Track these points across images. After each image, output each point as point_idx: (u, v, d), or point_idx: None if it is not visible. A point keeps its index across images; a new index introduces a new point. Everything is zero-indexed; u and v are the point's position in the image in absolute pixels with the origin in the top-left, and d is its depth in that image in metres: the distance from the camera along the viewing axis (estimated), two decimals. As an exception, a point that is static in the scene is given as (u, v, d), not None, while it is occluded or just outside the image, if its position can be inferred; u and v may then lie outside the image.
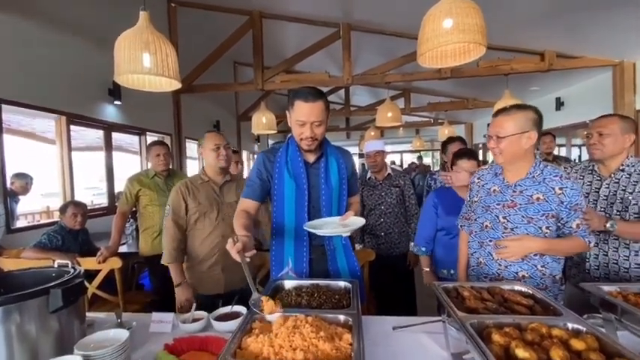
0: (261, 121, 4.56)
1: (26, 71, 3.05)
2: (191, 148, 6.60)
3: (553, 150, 3.98)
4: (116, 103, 4.15)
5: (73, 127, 3.62)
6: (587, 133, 1.63)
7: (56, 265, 1.19)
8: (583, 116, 5.39)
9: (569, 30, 3.57)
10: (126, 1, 2.77)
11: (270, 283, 1.30)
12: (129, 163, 4.83)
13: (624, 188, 1.54)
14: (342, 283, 1.27)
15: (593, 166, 1.70)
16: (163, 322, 1.29)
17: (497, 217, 1.40)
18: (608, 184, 1.60)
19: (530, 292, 1.10)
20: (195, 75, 4.53)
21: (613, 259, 1.58)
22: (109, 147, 4.21)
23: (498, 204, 1.40)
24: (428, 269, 2.19)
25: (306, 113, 1.32)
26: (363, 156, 14.79)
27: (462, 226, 1.67)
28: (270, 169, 1.46)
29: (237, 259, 1.09)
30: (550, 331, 0.84)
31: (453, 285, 1.16)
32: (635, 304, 1.00)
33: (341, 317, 1.00)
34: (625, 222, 1.50)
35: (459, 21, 1.46)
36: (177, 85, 1.84)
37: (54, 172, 3.56)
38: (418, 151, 13.30)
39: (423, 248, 2.15)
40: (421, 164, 11.94)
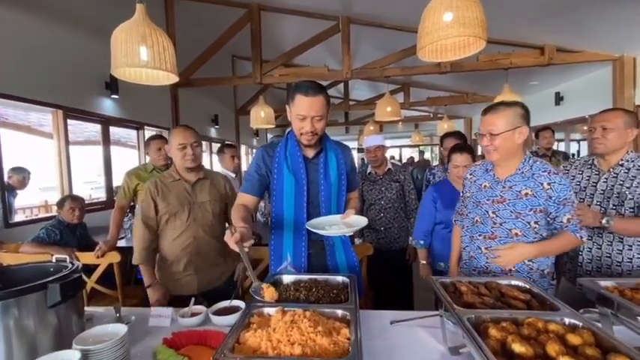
0: (260, 116, 4.53)
1: (22, 64, 3.02)
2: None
3: (552, 145, 3.95)
4: (113, 96, 4.11)
5: (70, 121, 3.59)
6: (590, 127, 1.61)
7: (54, 259, 1.19)
8: (582, 111, 5.38)
9: (570, 24, 3.54)
10: (122, -8, 2.73)
11: (268, 278, 1.30)
12: (127, 158, 4.81)
13: (622, 183, 1.54)
14: (340, 278, 1.27)
15: (593, 160, 1.69)
16: (162, 317, 1.30)
17: (487, 212, 1.43)
18: (607, 179, 1.60)
19: (528, 287, 1.11)
20: (193, 68, 4.49)
21: (606, 252, 1.58)
22: (107, 141, 4.19)
23: (488, 199, 1.44)
24: (425, 262, 2.21)
25: (306, 107, 1.31)
26: (362, 150, 14.80)
27: (455, 220, 1.69)
28: (270, 164, 1.46)
29: (235, 249, 1.10)
30: (546, 325, 0.85)
31: (450, 280, 1.17)
32: (631, 299, 1.00)
33: (339, 312, 1.00)
34: (621, 218, 1.50)
35: (459, 14, 1.44)
36: (174, 78, 1.82)
37: (52, 166, 3.54)
38: (417, 146, 13.29)
39: (422, 241, 2.18)
40: (422, 159, 11.95)
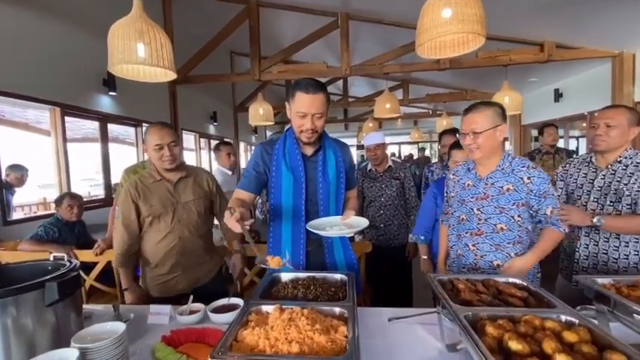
0: (259, 113, 4.52)
1: (19, 61, 3.00)
2: (188, 139, 6.56)
3: (557, 142, 3.80)
4: (111, 93, 4.09)
5: (68, 119, 3.58)
6: (592, 124, 1.59)
7: (52, 258, 1.19)
8: (581, 108, 5.38)
9: (569, 20, 3.53)
10: (119, -12, 2.70)
11: (266, 276, 1.30)
12: (125, 155, 4.80)
13: (619, 179, 1.53)
14: (338, 276, 1.27)
15: (591, 157, 1.68)
16: (161, 314, 1.30)
17: (472, 210, 1.49)
18: (604, 176, 1.59)
19: (525, 285, 1.11)
20: (191, 65, 4.46)
21: (603, 249, 1.58)
22: (105, 138, 4.17)
23: (472, 197, 1.49)
24: (426, 257, 2.24)
25: (307, 105, 1.31)
26: (361, 147, 14.77)
27: (442, 221, 1.75)
28: (268, 161, 1.46)
29: (235, 228, 1.12)
30: (543, 323, 0.85)
31: (448, 277, 1.17)
32: (627, 296, 1.01)
33: (337, 310, 1.00)
34: (613, 217, 1.51)
35: (458, 11, 1.44)
36: (172, 75, 1.81)
37: (50, 163, 3.53)
38: (417, 143, 13.28)
39: (422, 237, 2.21)
40: (422, 155, 11.95)
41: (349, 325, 0.90)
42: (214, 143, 7.41)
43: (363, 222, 1.36)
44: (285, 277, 1.29)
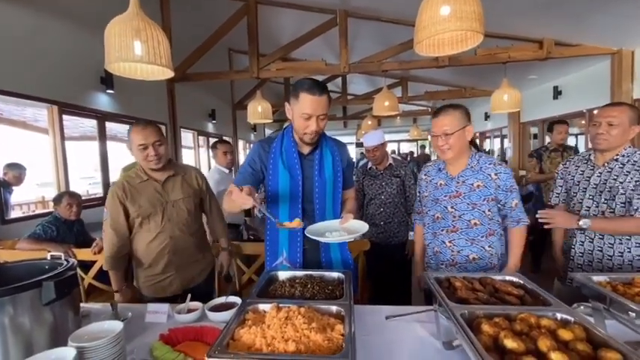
0: (257, 110, 4.51)
1: (16, 59, 2.98)
2: (186, 137, 6.55)
3: (566, 140, 3.61)
4: (109, 92, 4.08)
5: (65, 117, 3.56)
6: (594, 121, 1.58)
7: (49, 257, 1.19)
8: (580, 105, 5.37)
9: (568, 18, 3.52)
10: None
11: (264, 274, 1.30)
12: (124, 153, 4.78)
13: (615, 177, 1.53)
14: (335, 274, 1.27)
15: (590, 155, 1.68)
16: (158, 313, 1.30)
17: (446, 208, 1.54)
18: (600, 173, 1.59)
19: (521, 283, 1.12)
20: (189, 63, 4.45)
21: (598, 246, 1.58)
22: (103, 136, 4.16)
23: (445, 195, 1.55)
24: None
25: (312, 106, 1.31)
26: (360, 145, 14.76)
27: (415, 220, 1.81)
28: (265, 159, 1.46)
29: (246, 203, 1.16)
30: (539, 321, 0.86)
31: (445, 275, 1.17)
32: (623, 294, 1.01)
33: (333, 308, 1.01)
34: (601, 219, 1.51)
35: (456, 8, 1.43)
36: (169, 73, 1.80)
37: (48, 161, 3.52)
38: (415, 140, 13.28)
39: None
40: (423, 153, 11.95)
41: (346, 323, 0.90)
42: (213, 141, 7.41)
43: (363, 227, 1.36)
44: (283, 275, 1.29)
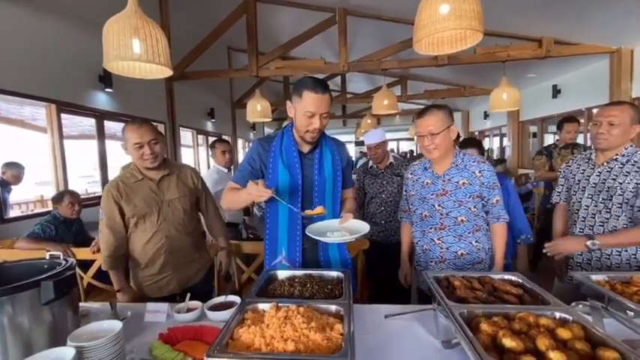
0: (256, 109, 4.50)
1: (14, 57, 2.97)
2: (185, 136, 6.54)
3: (576, 138, 3.45)
4: (107, 90, 4.06)
5: (64, 115, 3.55)
6: (595, 121, 1.57)
7: (48, 256, 1.19)
8: (579, 104, 5.38)
9: (568, 16, 3.52)
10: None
11: (263, 273, 1.30)
12: (123, 152, 4.77)
13: (615, 177, 1.52)
14: (334, 273, 1.28)
15: (591, 154, 1.68)
16: (158, 312, 1.30)
17: (434, 206, 1.57)
18: (600, 172, 1.58)
19: (520, 282, 1.12)
20: (188, 61, 4.43)
21: None
22: (102, 135, 4.15)
23: (432, 194, 1.57)
24: None
25: (316, 105, 1.32)
26: (359, 144, 14.75)
27: (401, 218, 1.83)
28: (265, 157, 1.46)
29: (264, 195, 1.19)
30: (537, 320, 0.86)
31: (444, 274, 1.17)
32: (621, 292, 1.02)
33: (332, 307, 1.01)
34: (607, 235, 1.51)
35: (455, 7, 1.43)
36: (168, 72, 1.79)
37: (46, 160, 3.51)
38: (414, 139, 13.24)
39: None
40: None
41: (345, 322, 0.90)
42: (212, 140, 7.40)
43: (364, 227, 1.37)
44: (282, 274, 1.29)
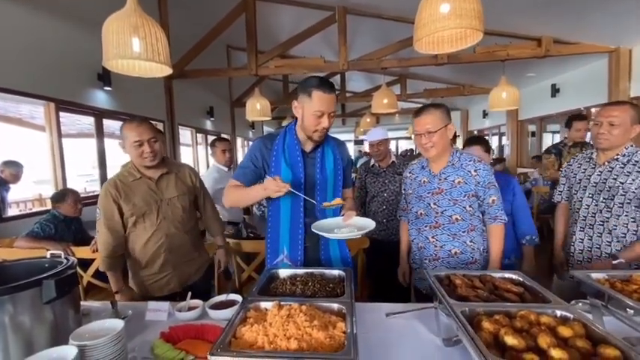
0: (256, 108, 4.49)
1: (12, 56, 2.95)
2: (185, 135, 6.52)
3: (586, 137, 3.33)
4: (106, 88, 4.05)
5: (62, 114, 3.54)
6: (596, 121, 1.59)
7: (49, 255, 1.18)
8: (578, 103, 5.40)
9: (567, 16, 3.53)
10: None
11: (265, 272, 1.30)
12: (122, 150, 4.76)
13: (616, 177, 1.54)
14: (336, 272, 1.28)
15: (592, 153, 1.69)
16: (159, 311, 1.30)
17: (429, 204, 1.58)
18: (601, 172, 1.60)
19: (521, 280, 1.13)
20: (187, 60, 4.42)
21: (596, 243, 1.61)
22: (101, 134, 4.14)
23: (428, 192, 1.58)
24: None
25: (326, 104, 1.34)
26: (358, 143, 14.75)
27: (400, 216, 1.84)
28: (267, 156, 1.45)
29: (282, 190, 1.20)
30: (538, 318, 0.86)
31: (445, 273, 1.18)
32: (621, 290, 1.02)
33: (335, 306, 1.01)
34: (626, 251, 1.51)
35: (456, 6, 1.43)
36: (168, 70, 1.79)
37: (45, 159, 3.50)
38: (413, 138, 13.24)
39: None
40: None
41: (347, 321, 0.90)
42: (211, 138, 7.39)
43: (370, 224, 1.37)
44: (284, 273, 1.29)
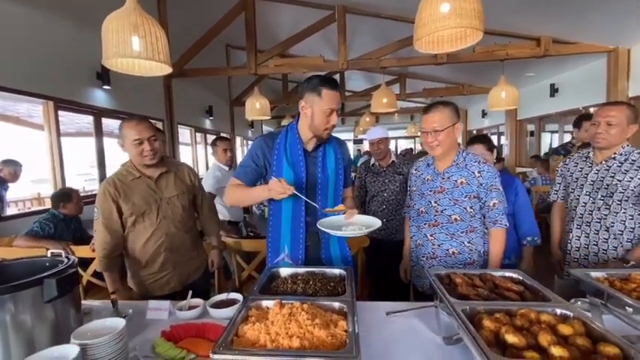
0: (255, 107, 4.48)
1: (10, 54, 2.94)
2: (184, 134, 6.51)
3: None
4: (105, 87, 4.04)
5: (61, 113, 3.53)
6: (593, 121, 1.62)
7: (49, 254, 1.18)
8: (577, 103, 5.41)
9: (566, 16, 3.53)
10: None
11: (266, 271, 1.31)
12: (119, 149, 4.75)
13: (613, 175, 1.56)
14: (336, 271, 1.28)
15: (589, 152, 1.71)
16: (160, 310, 1.30)
17: (430, 202, 1.58)
18: (598, 170, 1.62)
19: (521, 279, 1.13)
20: (186, 59, 4.41)
21: (593, 240, 1.63)
22: (100, 133, 4.13)
23: (431, 190, 1.59)
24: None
25: (335, 101, 1.37)
26: (357, 142, 14.74)
27: (405, 213, 1.85)
28: (269, 155, 1.45)
29: (287, 192, 1.21)
30: (539, 316, 0.87)
31: (445, 272, 1.18)
32: (620, 289, 1.03)
33: (336, 304, 1.01)
34: (633, 250, 1.52)
35: (456, 5, 1.43)
36: (167, 69, 1.78)
37: (43, 158, 3.49)
38: (413, 137, 13.30)
39: None
40: (422, 150, 11.95)
41: (349, 319, 0.91)
42: (210, 137, 7.39)
43: (376, 221, 1.37)
44: (284, 272, 1.29)
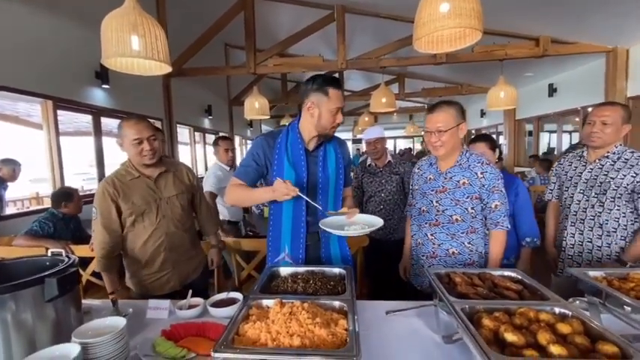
0: (254, 106, 4.48)
1: (9, 53, 2.93)
2: (183, 133, 6.51)
3: None
4: (104, 86, 4.03)
5: (60, 112, 3.52)
6: (589, 120, 1.65)
7: (49, 253, 1.19)
8: (575, 103, 5.43)
9: (565, 16, 3.55)
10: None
11: (266, 270, 1.31)
12: (118, 148, 4.74)
13: (606, 173, 1.60)
14: (336, 270, 1.29)
15: (583, 152, 1.74)
16: (160, 309, 1.30)
17: (432, 202, 1.58)
18: (592, 169, 1.66)
19: (519, 278, 1.14)
20: (185, 58, 4.41)
21: (587, 238, 1.65)
22: (99, 132, 4.12)
23: (432, 190, 1.58)
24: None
25: (341, 100, 1.39)
26: (356, 141, 14.75)
27: (406, 211, 1.84)
28: (270, 154, 1.45)
29: (291, 193, 1.22)
30: (538, 315, 0.88)
31: (445, 271, 1.19)
32: (618, 288, 1.04)
33: (336, 303, 1.02)
34: (628, 250, 1.54)
35: (455, 5, 1.43)
36: (167, 68, 1.78)
37: (42, 157, 3.48)
38: (412, 137, 13.31)
39: None
40: (424, 148, 11.99)
41: (349, 318, 0.91)
42: (209, 137, 7.38)
43: (378, 221, 1.37)
44: (284, 271, 1.30)
